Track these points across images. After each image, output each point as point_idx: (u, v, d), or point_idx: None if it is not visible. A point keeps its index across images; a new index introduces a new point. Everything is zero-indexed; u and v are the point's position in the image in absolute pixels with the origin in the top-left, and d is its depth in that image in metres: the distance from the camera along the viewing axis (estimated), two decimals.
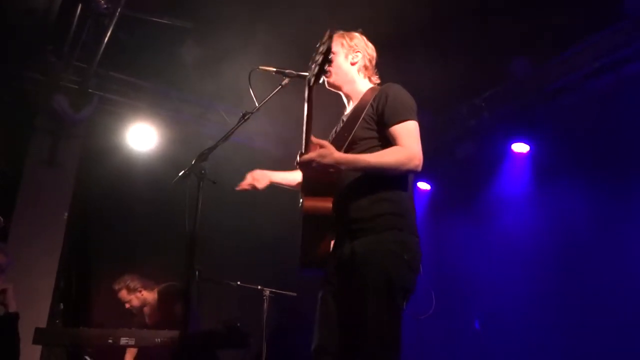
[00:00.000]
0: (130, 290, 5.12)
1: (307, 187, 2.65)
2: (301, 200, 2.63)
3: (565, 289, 5.48)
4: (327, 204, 2.57)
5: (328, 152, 2.48)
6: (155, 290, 5.21)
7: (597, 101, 5.54)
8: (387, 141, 2.60)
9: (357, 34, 2.94)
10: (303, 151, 2.51)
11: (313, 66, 2.54)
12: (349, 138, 2.69)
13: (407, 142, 2.53)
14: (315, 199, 2.60)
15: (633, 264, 4.99)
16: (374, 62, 2.94)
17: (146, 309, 5.22)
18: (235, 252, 6.61)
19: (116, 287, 5.15)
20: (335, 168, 2.49)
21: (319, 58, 2.49)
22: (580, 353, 5.15)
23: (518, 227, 6.14)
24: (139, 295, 5.14)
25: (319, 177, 2.58)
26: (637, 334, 4.77)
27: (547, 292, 5.59)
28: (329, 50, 2.48)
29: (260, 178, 3.04)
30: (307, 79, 2.58)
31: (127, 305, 5.14)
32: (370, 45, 2.95)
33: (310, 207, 2.58)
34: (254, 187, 3.03)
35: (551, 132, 5.99)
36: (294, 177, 3.08)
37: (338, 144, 2.65)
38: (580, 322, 5.25)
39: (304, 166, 2.49)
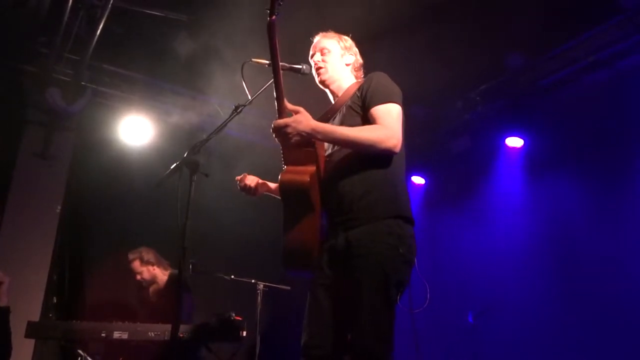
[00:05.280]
0: (144, 263, 5.18)
1: (285, 157, 2.58)
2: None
3: (560, 282, 5.50)
4: (303, 177, 2.48)
5: (304, 118, 2.45)
6: (168, 273, 5.24)
7: (591, 95, 5.55)
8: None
9: (349, 38, 2.95)
10: (277, 117, 2.46)
11: (267, 3, 2.44)
12: (334, 118, 2.68)
13: (387, 122, 2.51)
14: (292, 172, 2.52)
15: (627, 257, 5.02)
16: (361, 67, 2.95)
17: (153, 288, 5.24)
18: (229, 246, 6.60)
19: (130, 256, 5.20)
20: (311, 136, 2.45)
21: None
22: (575, 345, 5.17)
23: (512, 221, 6.15)
24: (151, 269, 5.19)
25: (294, 147, 2.49)
26: (632, 325, 4.79)
27: (541, 285, 5.61)
28: None
29: (260, 184, 3.01)
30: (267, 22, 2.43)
31: (138, 277, 5.19)
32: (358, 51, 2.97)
33: (286, 181, 2.50)
34: (251, 192, 2.98)
35: (545, 126, 5.99)
36: None
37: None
38: (574, 314, 5.28)
39: (278, 132, 2.44)
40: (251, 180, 3.00)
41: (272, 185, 3.04)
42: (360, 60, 2.94)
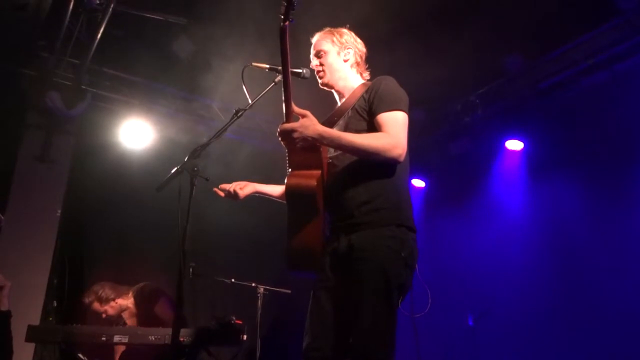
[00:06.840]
0: (103, 301, 4.83)
1: (290, 161, 2.58)
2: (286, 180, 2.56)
3: (559, 284, 5.50)
4: (310, 181, 2.48)
5: (311, 122, 2.44)
6: (130, 294, 4.97)
7: (590, 98, 5.56)
8: (377, 132, 2.56)
9: (345, 30, 2.91)
10: (284, 121, 2.45)
11: (281, 9, 2.40)
12: (338, 122, 2.68)
13: (393, 131, 2.50)
14: (299, 176, 2.52)
15: (626, 259, 5.02)
16: (364, 57, 2.92)
17: (125, 314, 5.01)
18: (230, 249, 6.60)
19: (86, 300, 4.85)
20: (318, 141, 2.44)
21: None
22: (574, 347, 5.17)
23: (512, 224, 6.16)
24: (114, 305, 4.87)
25: (300, 151, 2.48)
26: (630, 327, 4.79)
27: (541, 288, 5.61)
28: None
29: (243, 186, 3.02)
30: (279, 26, 2.39)
31: (104, 316, 4.86)
32: (359, 40, 2.93)
33: (293, 185, 2.50)
34: (234, 196, 2.99)
35: (545, 129, 6.00)
36: (281, 189, 3.00)
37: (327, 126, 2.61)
38: (574, 316, 5.28)
39: (285, 136, 2.44)
40: (235, 184, 3.01)
41: (266, 187, 3.05)
42: (361, 52, 2.90)
